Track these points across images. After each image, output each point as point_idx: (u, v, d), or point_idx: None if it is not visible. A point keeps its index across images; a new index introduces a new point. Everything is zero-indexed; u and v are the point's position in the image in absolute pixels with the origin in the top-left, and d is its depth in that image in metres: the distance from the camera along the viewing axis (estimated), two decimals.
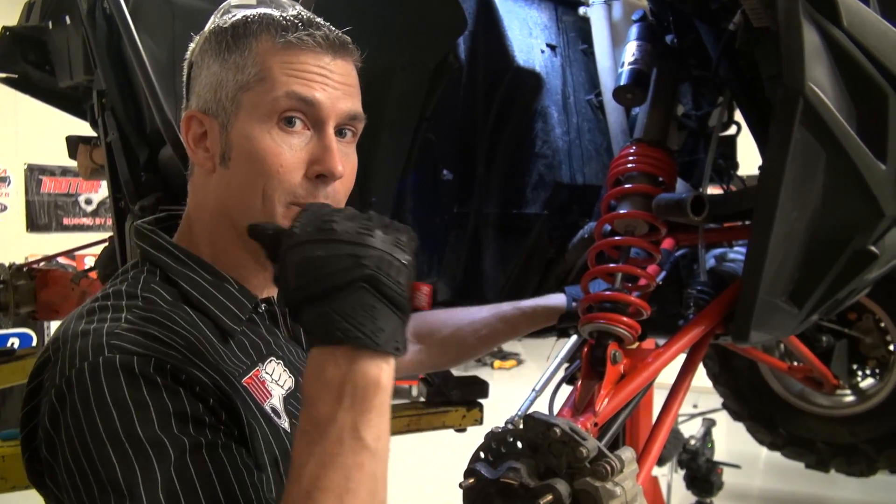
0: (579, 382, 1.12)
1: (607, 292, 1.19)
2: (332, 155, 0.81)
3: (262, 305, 0.90)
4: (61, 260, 4.14)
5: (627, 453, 0.95)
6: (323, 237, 0.66)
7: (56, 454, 0.69)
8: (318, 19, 0.85)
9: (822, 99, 0.96)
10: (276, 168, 0.80)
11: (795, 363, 2.07)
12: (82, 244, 3.85)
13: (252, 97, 0.80)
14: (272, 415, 0.81)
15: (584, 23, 1.61)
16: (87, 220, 7.73)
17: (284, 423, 0.83)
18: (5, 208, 7.33)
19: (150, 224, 0.89)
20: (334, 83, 0.82)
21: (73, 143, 2.86)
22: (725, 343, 1.43)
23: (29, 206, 7.44)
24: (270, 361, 0.87)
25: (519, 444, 0.96)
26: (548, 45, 1.54)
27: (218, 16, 0.85)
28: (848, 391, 2.09)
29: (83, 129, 2.74)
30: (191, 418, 0.69)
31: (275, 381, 0.85)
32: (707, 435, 3.12)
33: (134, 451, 0.65)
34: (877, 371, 2.06)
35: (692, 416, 4.04)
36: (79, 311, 0.79)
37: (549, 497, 0.88)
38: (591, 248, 1.28)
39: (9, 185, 7.32)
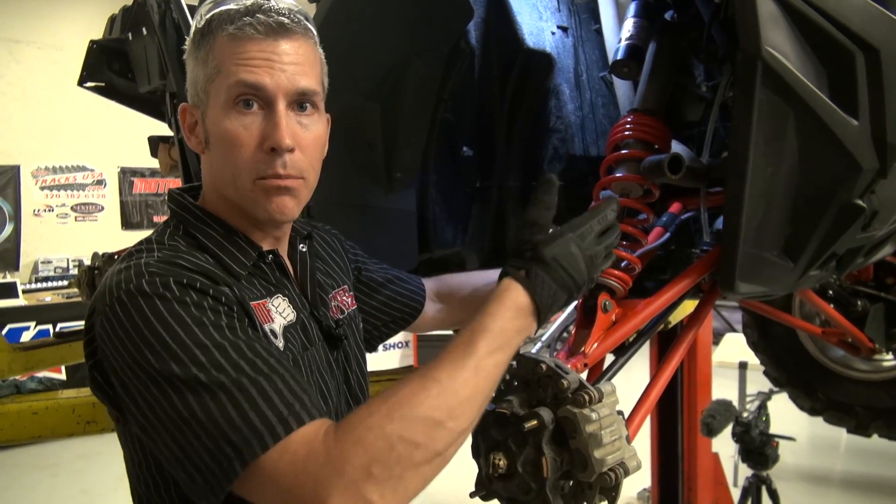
0: (574, 330, 1.23)
1: None
2: (279, 130, 0.91)
3: (269, 256, 1.03)
4: None
5: (608, 387, 1.05)
6: (577, 239, 0.99)
7: (110, 359, 0.84)
8: (274, 2, 0.92)
9: (781, 61, 1.02)
10: (237, 147, 0.92)
11: (831, 328, 2.08)
12: None
13: (214, 87, 0.93)
14: (269, 335, 0.95)
15: (596, 3, 1.69)
16: None
17: (279, 344, 0.96)
18: (103, 209, 7.92)
19: (182, 190, 1.05)
20: (280, 64, 0.91)
21: (154, 143, 3.09)
22: (740, 300, 1.47)
23: (123, 205, 8.00)
24: (277, 297, 1.00)
25: (515, 382, 1.09)
26: (559, 27, 1.62)
27: (201, 14, 0.96)
28: (888, 355, 2.08)
29: (166, 130, 2.98)
30: (214, 325, 0.83)
31: (279, 312, 0.99)
32: (762, 408, 3.10)
33: (186, 332, 0.80)
34: None
35: (757, 396, 3.98)
36: (120, 259, 0.95)
37: (534, 422, 0.99)
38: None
39: (105, 187, 7.91)
